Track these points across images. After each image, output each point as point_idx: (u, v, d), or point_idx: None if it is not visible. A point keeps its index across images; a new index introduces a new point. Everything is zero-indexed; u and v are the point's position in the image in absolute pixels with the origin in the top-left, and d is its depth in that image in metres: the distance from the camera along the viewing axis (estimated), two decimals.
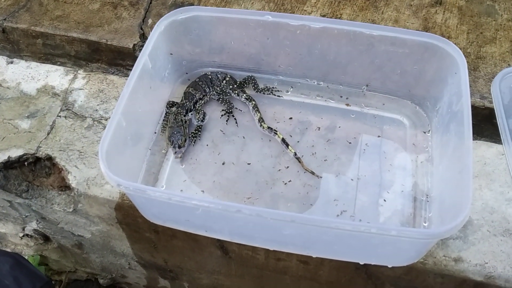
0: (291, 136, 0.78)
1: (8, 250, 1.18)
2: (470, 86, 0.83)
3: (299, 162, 0.74)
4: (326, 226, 0.55)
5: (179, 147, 0.74)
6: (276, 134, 0.77)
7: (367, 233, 0.54)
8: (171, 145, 0.74)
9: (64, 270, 1.20)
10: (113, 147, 0.63)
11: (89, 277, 1.21)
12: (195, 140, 0.77)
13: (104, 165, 0.58)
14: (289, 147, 0.75)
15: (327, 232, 0.59)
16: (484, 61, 0.88)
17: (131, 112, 0.68)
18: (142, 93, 0.71)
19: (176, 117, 0.77)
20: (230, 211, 0.56)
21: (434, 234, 0.53)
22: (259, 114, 0.79)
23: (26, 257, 1.14)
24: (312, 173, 0.74)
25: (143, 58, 0.70)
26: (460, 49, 0.72)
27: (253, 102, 0.80)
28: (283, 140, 0.76)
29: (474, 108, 0.80)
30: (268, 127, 0.78)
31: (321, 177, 0.73)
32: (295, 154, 0.75)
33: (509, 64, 0.87)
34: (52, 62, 0.96)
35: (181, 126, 0.76)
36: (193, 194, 0.72)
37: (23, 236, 1.05)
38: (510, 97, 0.81)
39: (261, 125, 0.78)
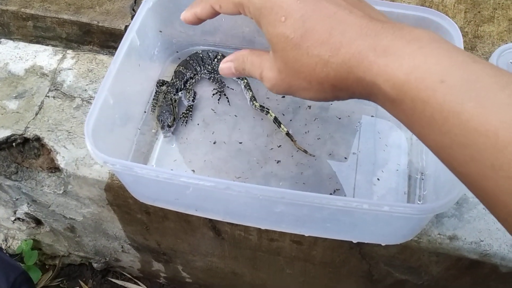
0: (283, 115, 0.77)
1: (1, 235, 1.17)
2: None
3: (292, 140, 0.73)
4: (318, 203, 0.54)
5: (168, 126, 0.73)
6: (268, 112, 0.75)
7: (359, 209, 0.53)
8: (160, 124, 0.73)
9: (57, 255, 1.19)
10: (100, 125, 0.61)
11: (83, 261, 1.21)
12: (186, 120, 0.76)
13: (90, 142, 0.57)
14: (282, 125, 0.74)
15: (319, 210, 0.58)
16: (481, 40, 0.86)
17: (119, 90, 0.66)
18: (130, 71, 0.70)
19: (166, 96, 0.75)
20: (219, 188, 0.54)
21: (426, 209, 0.52)
22: (251, 93, 0.77)
23: (19, 242, 1.14)
24: (305, 151, 0.72)
25: (130, 35, 0.68)
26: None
27: (245, 81, 0.79)
28: (276, 118, 0.74)
29: None
30: (260, 106, 0.76)
31: (314, 156, 0.72)
32: (288, 132, 0.73)
33: (506, 42, 0.85)
34: (43, 44, 0.94)
35: (171, 105, 0.74)
36: (177, 170, 0.71)
37: (15, 220, 1.04)
38: None
39: (253, 104, 0.76)
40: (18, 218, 1.03)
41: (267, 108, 0.76)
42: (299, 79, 0.43)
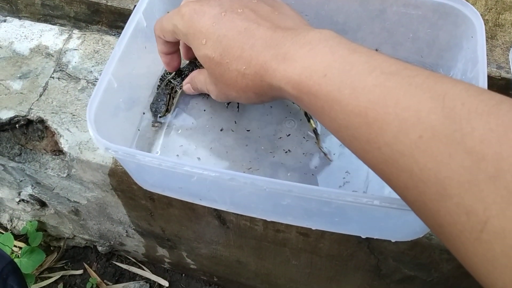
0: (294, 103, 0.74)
1: (6, 215, 1.16)
2: (487, 55, 0.79)
3: (316, 139, 0.69)
4: (327, 197, 0.51)
5: (159, 116, 0.70)
6: None
7: (369, 205, 0.50)
8: (151, 112, 0.70)
9: (62, 237, 1.18)
10: (104, 109, 0.59)
11: (87, 244, 1.20)
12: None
13: (92, 127, 0.55)
14: (311, 120, 0.70)
15: (327, 204, 0.55)
16: (502, 29, 0.83)
17: (124, 73, 0.64)
18: (136, 53, 0.67)
19: (169, 83, 0.72)
20: (224, 179, 0.52)
21: None
22: None
23: (24, 223, 1.13)
24: (325, 154, 0.69)
25: (137, 15, 0.65)
26: None
27: None
28: (306, 113, 0.70)
29: (490, 79, 0.76)
30: None
31: (331, 160, 0.68)
32: (315, 129, 0.70)
33: None
34: (51, 23, 0.92)
35: (169, 94, 0.71)
36: (186, 160, 0.69)
37: (20, 201, 1.03)
38: None
39: None
40: (23, 200, 1.02)
41: None
42: (229, 90, 0.50)
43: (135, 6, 0.84)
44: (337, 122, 0.39)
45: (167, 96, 0.71)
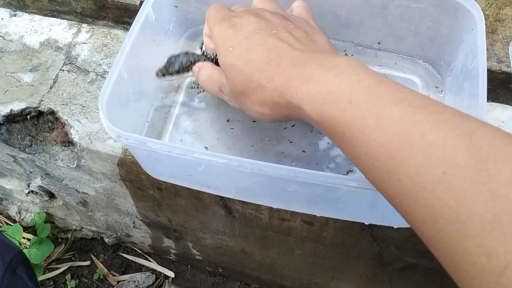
0: None
1: (15, 207, 1.18)
2: (487, 50, 0.80)
3: None
4: (331, 183, 0.53)
5: (167, 70, 0.65)
6: None
7: (372, 190, 0.52)
8: (166, 61, 0.65)
9: (70, 229, 1.20)
10: (114, 99, 0.61)
11: (94, 236, 1.22)
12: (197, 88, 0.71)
13: (104, 115, 0.57)
14: None
15: (332, 190, 0.57)
16: (503, 24, 0.84)
17: (133, 65, 0.66)
18: (145, 46, 0.69)
19: (199, 57, 0.65)
20: (232, 165, 0.54)
21: None
22: None
23: (32, 215, 1.15)
24: None
25: (146, 9, 0.67)
26: None
27: None
28: None
29: (491, 73, 0.77)
30: None
31: None
32: None
33: None
34: (58, 18, 0.94)
35: (191, 62, 0.65)
36: (189, 147, 0.70)
37: (29, 192, 1.05)
38: None
39: None
40: (32, 191, 1.04)
41: None
42: (245, 99, 0.51)
43: (141, 1, 0.86)
44: (357, 149, 0.39)
45: (188, 62, 0.66)
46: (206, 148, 0.72)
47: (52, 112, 0.78)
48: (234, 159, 0.54)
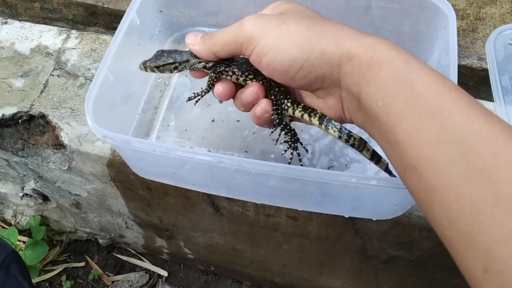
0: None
1: (10, 211, 1.20)
2: (468, 48, 0.83)
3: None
4: (307, 176, 0.56)
5: (158, 61, 0.59)
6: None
7: (347, 183, 0.55)
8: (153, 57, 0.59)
9: (64, 231, 1.23)
10: (101, 102, 0.63)
11: (89, 237, 1.24)
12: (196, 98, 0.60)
13: (90, 117, 0.59)
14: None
15: (310, 183, 0.59)
16: (483, 22, 0.87)
17: (119, 68, 0.68)
18: (131, 50, 0.71)
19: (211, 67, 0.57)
20: (213, 162, 0.56)
21: None
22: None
23: (27, 218, 1.17)
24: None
25: (130, 14, 0.69)
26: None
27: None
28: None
29: (472, 70, 0.80)
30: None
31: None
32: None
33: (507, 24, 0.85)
34: (50, 25, 0.96)
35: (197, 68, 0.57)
36: (178, 146, 0.73)
37: (23, 196, 1.07)
38: (504, 54, 0.80)
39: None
40: (26, 194, 1.06)
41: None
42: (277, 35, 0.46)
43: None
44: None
45: (176, 63, 0.58)
46: (192, 148, 0.74)
47: (42, 116, 0.81)
48: (214, 156, 0.56)
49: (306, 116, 0.53)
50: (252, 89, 0.54)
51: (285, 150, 0.58)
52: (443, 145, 0.36)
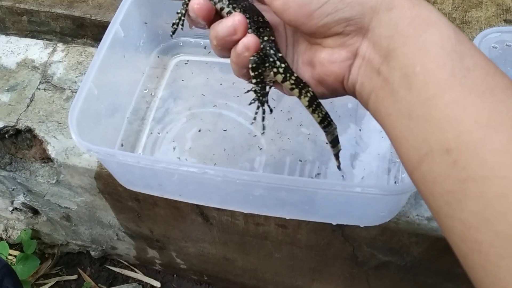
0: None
1: (1, 225, 1.20)
2: None
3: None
4: (292, 185, 0.56)
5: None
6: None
7: (332, 191, 0.55)
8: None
9: (56, 244, 1.22)
10: (85, 115, 0.63)
11: (81, 250, 1.23)
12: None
13: (74, 131, 0.59)
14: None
15: (296, 192, 0.60)
16: (469, 26, 0.87)
17: (104, 81, 0.68)
18: (115, 62, 0.72)
19: None
20: (197, 173, 0.56)
21: (395, 189, 0.54)
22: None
23: (18, 232, 1.17)
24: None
25: (114, 27, 0.70)
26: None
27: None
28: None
29: None
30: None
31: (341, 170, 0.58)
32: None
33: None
34: (38, 38, 0.96)
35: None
36: (162, 157, 0.73)
37: (13, 210, 1.07)
38: (489, 57, 0.80)
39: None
40: (16, 208, 1.06)
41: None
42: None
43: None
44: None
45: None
46: (179, 158, 0.74)
47: (29, 130, 0.81)
48: (199, 167, 0.56)
49: (295, 91, 0.45)
50: (233, 20, 0.42)
51: (253, 101, 0.49)
52: (493, 130, 0.30)
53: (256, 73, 0.45)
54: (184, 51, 0.86)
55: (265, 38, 0.44)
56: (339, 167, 0.51)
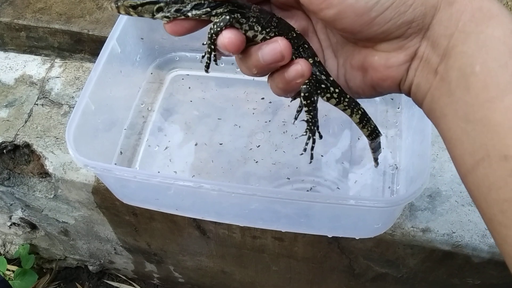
0: (262, 116, 0.79)
1: (0, 240, 1.20)
2: None
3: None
4: (287, 199, 0.56)
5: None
6: None
7: (326, 203, 0.55)
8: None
9: (54, 258, 1.22)
10: (83, 130, 0.64)
11: (79, 264, 1.23)
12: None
13: (71, 146, 0.60)
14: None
15: (291, 205, 0.60)
16: None
17: (101, 96, 0.69)
18: (112, 77, 0.72)
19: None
20: (193, 187, 0.57)
21: (389, 202, 0.54)
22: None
23: (17, 247, 1.17)
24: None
25: (110, 43, 0.71)
26: None
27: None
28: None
29: None
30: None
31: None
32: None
33: None
34: (36, 54, 0.97)
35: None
36: (159, 171, 0.73)
37: (11, 225, 1.07)
38: None
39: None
40: (14, 223, 1.06)
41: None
42: None
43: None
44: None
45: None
46: (175, 172, 0.75)
47: (27, 145, 0.81)
48: (194, 181, 0.57)
49: (348, 111, 0.44)
50: (277, 45, 0.39)
51: (305, 132, 0.46)
52: None
53: (309, 101, 0.43)
54: (181, 65, 0.86)
55: (310, 60, 0.41)
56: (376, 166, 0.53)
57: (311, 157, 0.48)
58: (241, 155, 0.76)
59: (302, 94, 0.42)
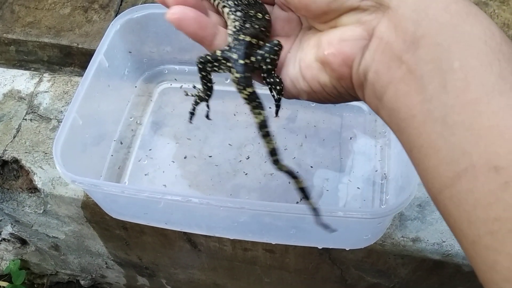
0: (251, 128, 0.79)
1: None
2: None
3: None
4: (276, 211, 0.56)
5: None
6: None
7: (315, 215, 0.55)
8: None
9: (45, 273, 1.21)
10: (70, 145, 0.64)
11: (70, 279, 1.22)
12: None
13: (59, 162, 0.59)
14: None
15: (280, 217, 0.60)
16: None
17: (89, 111, 0.69)
18: (100, 91, 0.72)
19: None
20: (182, 202, 0.57)
21: (377, 213, 0.54)
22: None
23: (7, 262, 1.16)
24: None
25: (98, 57, 0.71)
26: None
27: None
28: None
29: None
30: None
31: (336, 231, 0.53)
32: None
33: None
34: (26, 68, 0.97)
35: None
36: (147, 186, 0.73)
37: (1, 240, 1.06)
38: None
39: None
40: (4, 239, 1.05)
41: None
42: None
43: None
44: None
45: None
46: (165, 185, 0.74)
47: (16, 161, 0.81)
48: (183, 195, 0.57)
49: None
50: None
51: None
52: None
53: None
54: (169, 78, 0.87)
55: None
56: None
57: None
58: (230, 167, 0.76)
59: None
